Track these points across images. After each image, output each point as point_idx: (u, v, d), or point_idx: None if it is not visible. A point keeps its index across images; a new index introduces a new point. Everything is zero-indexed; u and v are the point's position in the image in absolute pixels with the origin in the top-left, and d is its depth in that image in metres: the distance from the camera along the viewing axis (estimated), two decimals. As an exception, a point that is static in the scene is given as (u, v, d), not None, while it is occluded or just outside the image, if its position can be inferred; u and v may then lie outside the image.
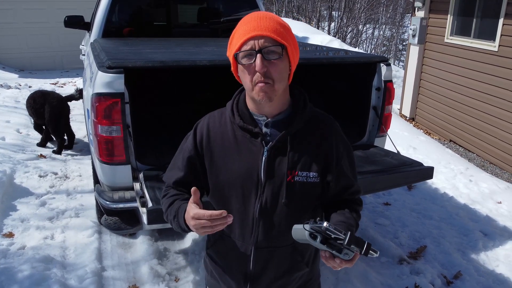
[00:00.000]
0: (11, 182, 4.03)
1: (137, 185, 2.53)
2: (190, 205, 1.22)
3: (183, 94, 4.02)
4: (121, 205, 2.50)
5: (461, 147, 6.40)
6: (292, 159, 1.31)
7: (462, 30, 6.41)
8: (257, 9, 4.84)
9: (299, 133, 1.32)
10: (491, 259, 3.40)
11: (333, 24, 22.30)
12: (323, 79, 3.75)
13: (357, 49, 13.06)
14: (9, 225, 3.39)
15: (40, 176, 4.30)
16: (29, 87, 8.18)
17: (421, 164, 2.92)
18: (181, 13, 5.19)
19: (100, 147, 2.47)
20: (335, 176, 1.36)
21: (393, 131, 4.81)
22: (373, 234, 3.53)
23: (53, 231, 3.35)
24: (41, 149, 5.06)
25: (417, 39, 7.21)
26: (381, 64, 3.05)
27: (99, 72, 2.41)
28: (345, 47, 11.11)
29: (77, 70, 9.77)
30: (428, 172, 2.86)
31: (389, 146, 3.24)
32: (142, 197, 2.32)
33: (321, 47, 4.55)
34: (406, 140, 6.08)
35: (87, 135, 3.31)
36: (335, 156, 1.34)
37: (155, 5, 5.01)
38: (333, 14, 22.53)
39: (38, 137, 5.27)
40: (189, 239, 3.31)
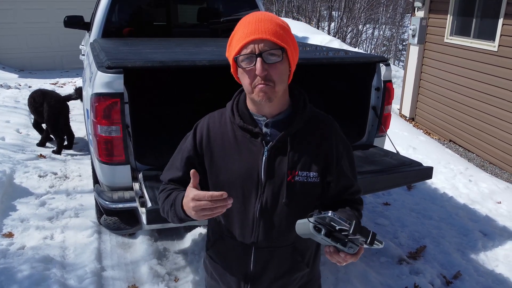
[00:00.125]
0: (10, 182, 4.03)
1: (136, 185, 2.54)
2: (189, 188, 1.22)
3: (183, 94, 4.02)
4: (120, 205, 2.51)
5: (461, 147, 6.40)
6: (292, 159, 1.31)
7: (461, 30, 6.41)
8: (257, 9, 4.83)
9: (299, 133, 1.32)
10: (490, 259, 3.40)
11: (333, 24, 22.30)
12: (322, 79, 3.75)
13: (357, 49, 13.06)
14: (8, 225, 3.39)
15: (39, 176, 4.30)
16: (29, 87, 8.18)
17: (420, 164, 2.92)
18: (181, 13, 5.19)
19: (99, 147, 2.47)
20: (335, 176, 1.36)
21: (393, 131, 4.82)
22: (373, 234, 3.53)
23: (53, 231, 3.35)
24: (41, 149, 5.06)
25: (417, 39, 7.21)
26: (381, 64, 3.05)
27: (99, 72, 2.41)
28: (345, 47, 11.11)
29: (77, 70, 9.76)
30: (427, 172, 2.87)
31: (388, 146, 3.25)
32: (141, 197, 2.32)
33: (321, 47, 4.55)
34: (405, 140, 6.08)
35: (87, 135, 3.31)
36: (335, 156, 1.35)
37: (155, 5, 5.01)
38: (333, 14, 22.53)
39: (37, 137, 5.27)
40: (189, 239, 3.31)
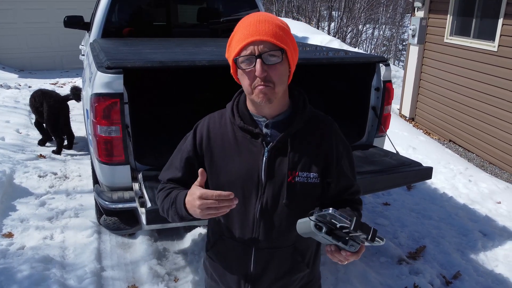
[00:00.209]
0: (10, 182, 4.03)
1: (136, 185, 2.54)
2: (195, 186, 1.23)
3: (183, 94, 4.02)
4: (120, 205, 2.51)
5: (461, 147, 6.40)
6: (292, 160, 1.31)
7: (461, 30, 6.41)
8: (257, 9, 4.83)
9: (299, 133, 1.33)
10: (490, 259, 3.40)
11: (333, 24, 22.28)
12: (322, 79, 3.75)
13: (357, 49, 13.06)
14: (8, 225, 3.39)
15: (39, 176, 4.30)
16: (29, 87, 8.18)
17: (420, 164, 2.92)
18: (181, 13, 5.19)
19: (99, 147, 2.47)
20: (335, 176, 1.36)
21: (393, 131, 4.82)
22: (373, 234, 3.53)
23: (53, 231, 3.35)
24: (41, 149, 5.07)
25: (416, 39, 7.21)
26: (380, 64, 3.05)
27: (98, 72, 2.41)
28: (345, 47, 11.11)
29: (77, 70, 9.76)
30: (427, 172, 2.87)
31: (388, 146, 3.25)
32: (141, 197, 2.32)
33: (320, 47, 4.55)
34: (405, 140, 6.08)
35: (86, 135, 3.31)
36: (335, 156, 1.35)
37: (155, 5, 5.01)
38: (333, 14, 22.52)
39: (37, 137, 5.27)
40: (189, 239, 3.31)
